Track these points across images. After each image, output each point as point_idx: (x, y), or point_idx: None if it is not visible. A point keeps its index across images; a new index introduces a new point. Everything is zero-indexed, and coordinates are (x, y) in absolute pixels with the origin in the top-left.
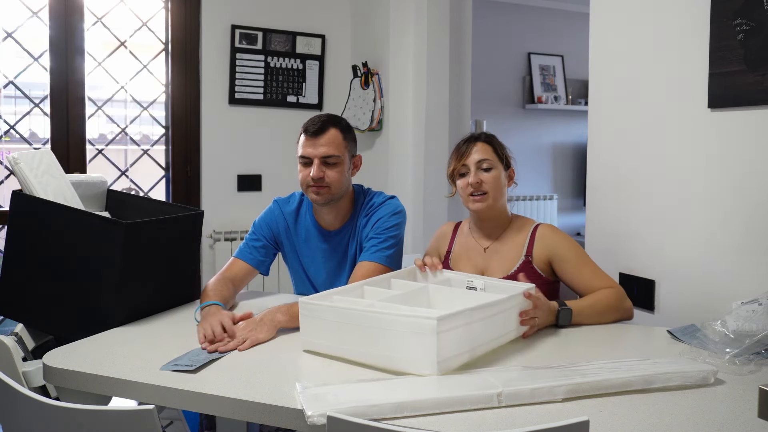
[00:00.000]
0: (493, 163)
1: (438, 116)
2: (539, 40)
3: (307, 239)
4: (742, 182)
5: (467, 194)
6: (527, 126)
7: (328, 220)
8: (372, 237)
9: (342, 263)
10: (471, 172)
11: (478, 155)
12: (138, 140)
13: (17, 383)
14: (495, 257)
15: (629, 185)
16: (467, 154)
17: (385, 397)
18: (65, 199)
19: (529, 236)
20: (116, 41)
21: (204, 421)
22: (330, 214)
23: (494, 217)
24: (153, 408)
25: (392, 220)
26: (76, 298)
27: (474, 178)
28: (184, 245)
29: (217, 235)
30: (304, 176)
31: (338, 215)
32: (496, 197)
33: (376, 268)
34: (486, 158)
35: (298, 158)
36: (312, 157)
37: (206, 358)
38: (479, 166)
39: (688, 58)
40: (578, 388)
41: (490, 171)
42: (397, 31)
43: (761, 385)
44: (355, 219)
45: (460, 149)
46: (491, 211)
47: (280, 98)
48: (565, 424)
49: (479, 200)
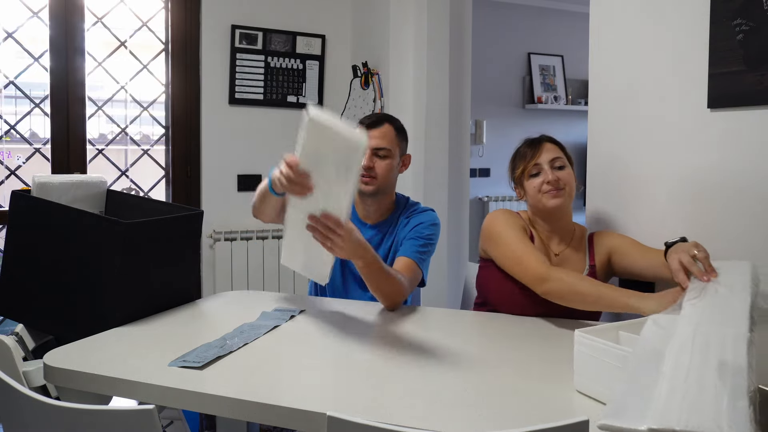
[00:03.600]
0: (565, 162)
1: (438, 116)
2: (539, 40)
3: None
4: (743, 182)
5: (543, 192)
6: (527, 126)
7: (369, 212)
8: (411, 237)
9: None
10: (545, 170)
11: (550, 154)
12: (138, 140)
13: (17, 383)
14: (565, 265)
15: (629, 185)
16: (538, 153)
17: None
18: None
19: (588, 244)
20: (116, 41)
21: (204, 421)
22: (373, 206)
23: (565, 218)
24: (153, 408)
25: (431, 228)
26: (76, 298)
27: (552, 176)
28: (184, 245)
29: (217, 235)
30: None
31: (379, 209)
32: (571, 195)
33: (411, 264)
34: (558, 156)
35: None
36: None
37: (213, 355)
38: (552, 165)
39: (688, 58)
40: None
41: (564, 169)
42: (397, 31)
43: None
44: (395, 218)
45: (527, 150)
46: (563, 211)
47: (280, 98)
48: (565, 424)
49: (558, 195)
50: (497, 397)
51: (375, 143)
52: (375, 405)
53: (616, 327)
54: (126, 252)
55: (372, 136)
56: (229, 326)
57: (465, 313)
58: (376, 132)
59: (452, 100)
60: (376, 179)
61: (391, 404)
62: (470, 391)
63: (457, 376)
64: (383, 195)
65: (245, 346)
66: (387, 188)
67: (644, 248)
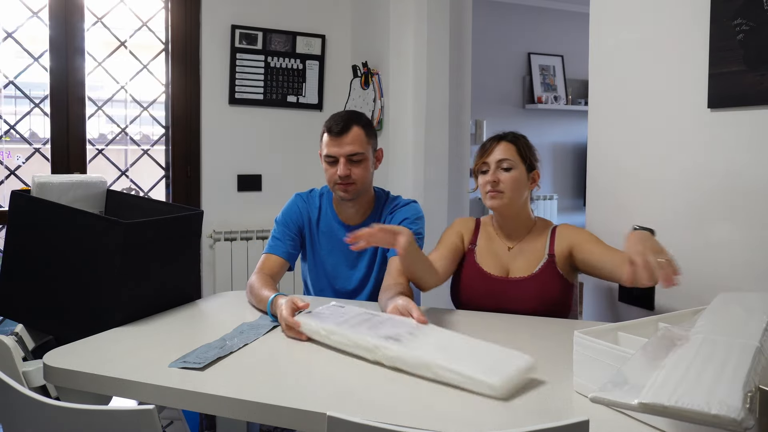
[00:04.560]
0: (514, 163)
1: (438, 116)
2: (539, 40)
3: (328, 232)
4: (743, 182)
5: (485, 191)
6: (527, 126)
7: (350, 214)
8: None
9: (360, 257)
10: (491, 170)
11: (499, 154)
12: (138, 140)
13: (17, 383)
14: (519, 257)
15: (629, 185)
16: (489, 152)
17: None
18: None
19: (549, 236)
20: (116, 41)
21: (204, 421)
22: (353, 208)
23: (514, 217)
24: (153, 408)
25: (417, 223)
26: (76, 298)
27: (492, 177)
28: (184, 245)
29: (217, 235)
30: (331, 174)
31: (359, 210)
32: (513, 197)
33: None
34: (507, 158)
35: (324, 157)
36: (338, 156)
37: (214, 356)
38: (499, 165)
39: (688, 58)
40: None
41: (509, 171)
42: (397, 31)
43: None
44: (378, 214)
45: (484, 147)
46: (509, 210)
47: (280, 98)
48: (565, 424)
49: (494, 197)
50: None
51: (348, 150)
52: (375, 405)
53: (616, 328)
54: (126, 252)
55: (344, 144)
56: (229, 326)
57: (465, 313)
58: (347, 138)
59: (452, 100)
60: (355, 185)
61: (391, 404)
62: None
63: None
64: (361, 196)
65: (245, 347)
66: (367, 188)
67: (605, 247)
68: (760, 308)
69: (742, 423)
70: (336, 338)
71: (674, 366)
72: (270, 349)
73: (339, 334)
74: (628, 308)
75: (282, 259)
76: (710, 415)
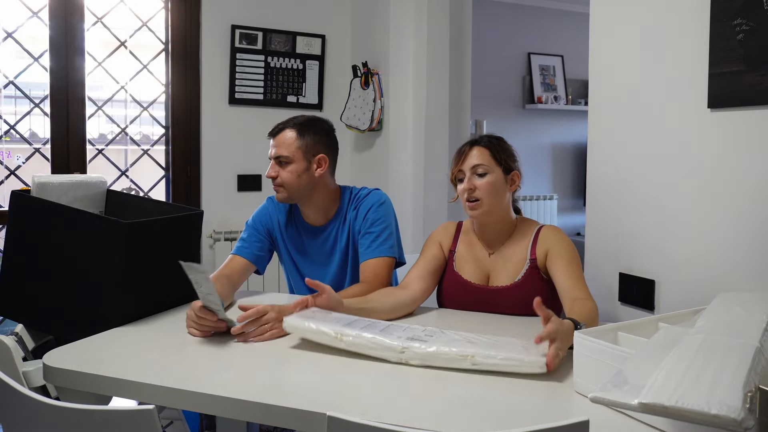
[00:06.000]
0: (489, 168)
1: (438, 116)
2: (539, 40)
3: (297, 235)
4: (743, 182)
5: (464, 200)
6: (527, 126)
7: (311, 217)
8: (366, 233)
9: (330, 257)
10: (466, 178)
11: (473, 160)
12: (138, 140)
13: (17, 383)
14: (500, 262)
15: (629, 185)
16: (464, 159)
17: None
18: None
19: (532, 238)
20: (116, 41)
21: (204, 421)
22: (309, 210)
23: (495, 223)
24: (153, 408)
25: (380, 210)
26: (76, 298)
27: (467, 184)
28: (184, 245)
29: (217, 235)
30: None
31: (319, 212)
32: (491, 203)
33: (383, 263)
34: (481, 163)
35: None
36: (270, 158)
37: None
38: (474, 172)
39: (688, 58)
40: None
41: (484, 176)
42: (397, 31)
43: (761, 386)
44: (342, 214)
45: (459, 153)
46: (489, 217)
47: (280, 98)
48: (565, 424)
49: (473, 207)
50: (497, 397)
51: (275, 152)
52: (375, 405)
53: (616, 328)
54: (126, 252)
55: (273, 146)
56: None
57: (464, 313)
58: (276, 140)
59: (452, 100)
60: (283, 187)
61: (391, 404)
62: (470, 391)
63: (457, 376)
64: (308, 199)
65: (245, 347)
66: (300, 193)
67: (568, 271)
68: (760, 308)
69: (742, 423)
70: (350, 340)
71: (674, 366)
72: (270, 349)
73: (356, 336)
74: (628, 308)
75: (246, 261)
76: (710, 415)
